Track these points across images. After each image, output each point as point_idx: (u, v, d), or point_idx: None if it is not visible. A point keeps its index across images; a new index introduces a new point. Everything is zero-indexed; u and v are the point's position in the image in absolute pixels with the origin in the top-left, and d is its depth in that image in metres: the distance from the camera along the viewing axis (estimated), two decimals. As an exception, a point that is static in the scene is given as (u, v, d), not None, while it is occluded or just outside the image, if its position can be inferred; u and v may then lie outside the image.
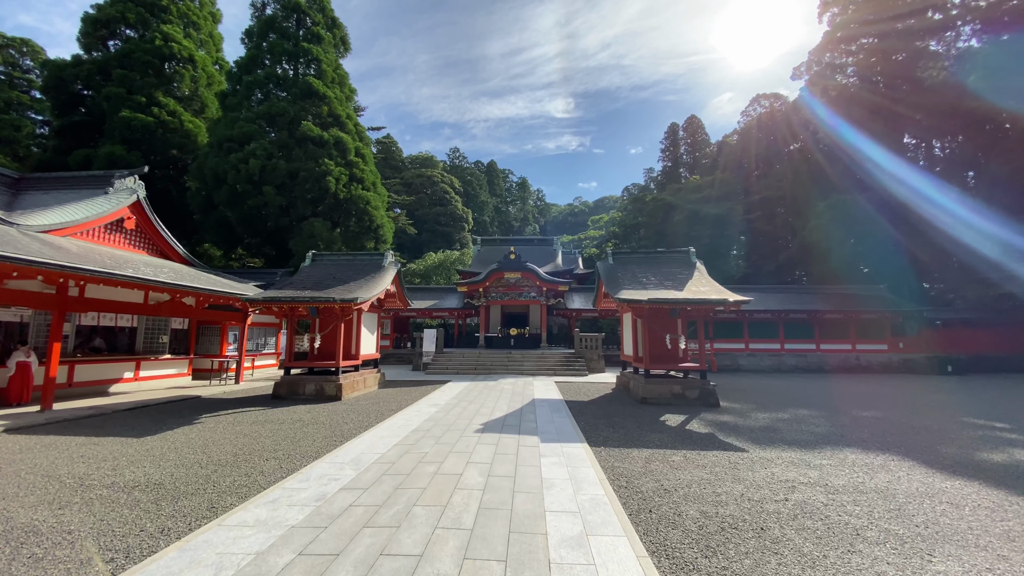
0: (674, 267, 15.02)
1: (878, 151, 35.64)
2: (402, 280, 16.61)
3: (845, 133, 38.67)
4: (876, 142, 36.60)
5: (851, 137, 38.00)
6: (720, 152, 62.14)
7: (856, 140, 37.71)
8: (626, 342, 15.70)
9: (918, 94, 33.60)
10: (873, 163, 35.44)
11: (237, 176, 22.73)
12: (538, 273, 25.40)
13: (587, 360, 22.06)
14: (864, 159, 36.32)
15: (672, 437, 8.75)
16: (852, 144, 37.83)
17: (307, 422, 10.05)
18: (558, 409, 11.59)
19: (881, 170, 34.70)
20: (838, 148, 38.45)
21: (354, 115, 28.43)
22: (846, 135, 38.64)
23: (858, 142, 37.59)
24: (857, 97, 38.38)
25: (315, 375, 14.08)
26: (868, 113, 36.71)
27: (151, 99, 27.12)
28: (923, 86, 33.73)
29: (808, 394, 15.86)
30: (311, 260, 16.48)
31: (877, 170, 35.03)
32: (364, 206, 25.60)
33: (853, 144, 37.73)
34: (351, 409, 11.74)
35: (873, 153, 35.75)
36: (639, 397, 12.73)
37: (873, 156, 35.68)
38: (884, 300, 30.71)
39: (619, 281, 14.19)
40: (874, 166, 35.43)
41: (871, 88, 39.23)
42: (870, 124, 36.73)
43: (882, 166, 34.73)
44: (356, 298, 12.71)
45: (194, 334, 18.65)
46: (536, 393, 14.64)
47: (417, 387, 16.43)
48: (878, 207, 33.50)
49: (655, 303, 12.09)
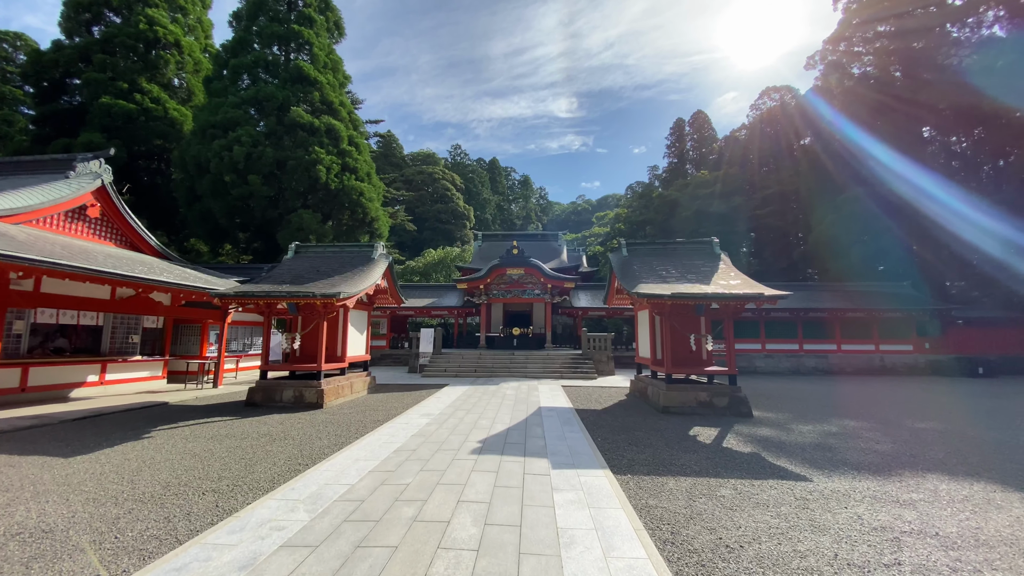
0: (696, 259, 13.46)
1: (895, 146, 34.02)
2: (394, 274, 15.11)
3: (860, 126, 36.99)
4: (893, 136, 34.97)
5: (867, 130, 36.31)
6: (727, 148, 60.50)
7: (872, 133, 36.01)
8: (642, 343, 14.15)
9: (938, 85, 31.87)
10: (889, 158, 33.79)
11: (221, 164, 21.22)
12: (542, 269, 23.86)
13: (595, 362, 20.51)
14: (880, 154, 34.64)
15: (710, 459, 7.20)
16: (868, 138, 36.14)
17: (275, 437, 8.54)
18: (568, 421, 10.04)
19: (898, 165, 33.07)
20: (853, 142, 36.75)
21: (348, 103, 26.93)
22: (861, 128, 36.95)
23: (874, 135, 35.91)
24: (873, 88, 36.68)
25: (295, 379, 12.58)
26: (885, 105, 34.99)
27: (134, 85, 25.69)
28: (943, 76, 32.01)
29: (844, 401, 14.27)
30: (294, 252, 14.99)
31: (894, 164, 33.39)
32: (357, 197, 24.03)
33: (869, 138, 36.03)
34: (331, 420, 10.23)
35: (890, 148, 34.09)
36: (660, 406, 11.18)
37: (890, 151, 34.03)
38: (908, 298, 29.06)
39: (635, 274, 12.64)
40: (890, 161, 33.77)
41: (888, 78, 37.49)
42: (887, 116, 35.01)
43: (898, 161, 33.11)
44: (339, 293, 11.20)
45: (170, 334, 17.18)
46: (542, 400, 13.10)
47: (410, 392, 14.92)
48: (895, 202, 31.81)
49: (680, 298, 10.53)
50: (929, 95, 32.24)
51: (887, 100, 35.69)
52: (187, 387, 15.99)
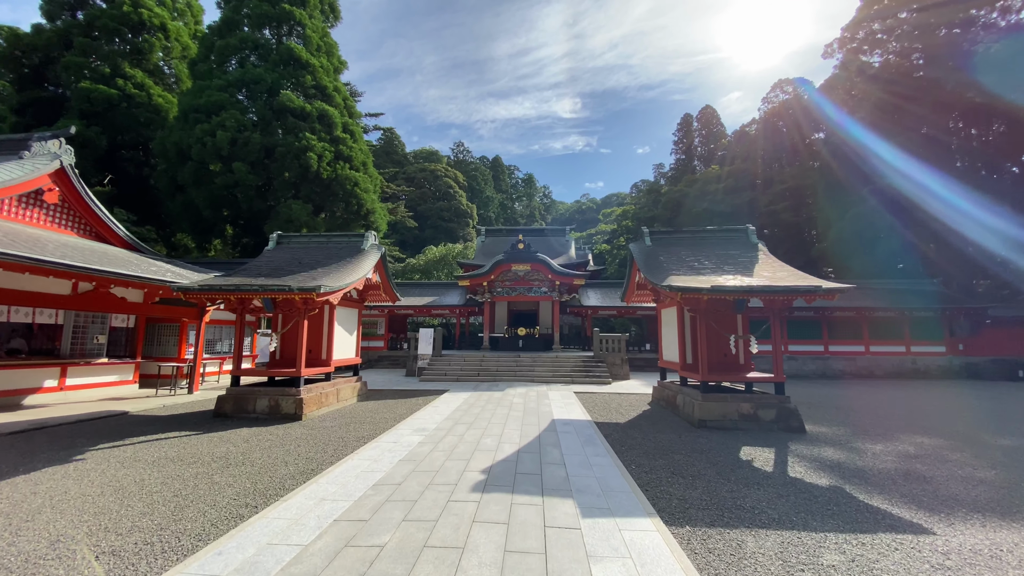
0: (730, 248, 11.79)
1: (917, 139, 32.24)
2: (388, 268, 13.50)
3: (881, 117, 35.14)
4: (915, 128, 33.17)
5: (889, 122, 34.46)
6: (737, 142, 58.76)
7: (894, 125, 34.15)
8: (667, 345, 12.48)
9: (959, 76, 29.95)
10: (912, 151, 31.97)
11: (203, 150, 19.66)
12: (550, 265, 22.21)
13: (609, 365, 18.84)
14: (902, 145, 32.78)
15: (784, 497, 5.54)
16: (890, 129, 34.27)
17: (232, 461, 6.94)
18: (590, 439, 8.40)
19: (919, 159, 31.27)
20: (873, 135, 34.85)
21: (343, 89, 25.34)
22: (882, 120, 35.10)
23: (896, 127, 34.05)
24: (895, 78, 34.78)
25: (272, 386, 11.00)
26: (907, 96, 33.09)
27: (117, 71, 24.19)
28: (967, 66, 30.08)
29: (895, 410, 12.56)
30: (275, 243, 13.41)
31: (916, 159, 31.58)
32: (352, 188, 22.40)
33: (891, 129, 34.17)
34: (307, 436, 8.62)
35: (912, 140, 32.26)
36: (695, 419, 9.52)
37: (912, 144, 32.20)
38: (938, 296, 27.27)
39: (662, 266, 10.99)
40: (913, 154, 31.95)
41: (910, 67, 35.56)
42: (909, 108, 33.12)
43: (920, 155, 31.32)
44: (319, 287, 9.59)
45: (142, 334, 15.63)
46: (555, 410, 11.46)
47: (406, 399, 13.30)
48: (918, 199, 29.93)
49: (722, 292, 8.86)
50: (952, 86, 30.37)
51: (908, 91, 33.82)
52: (159, 393, 14.44)
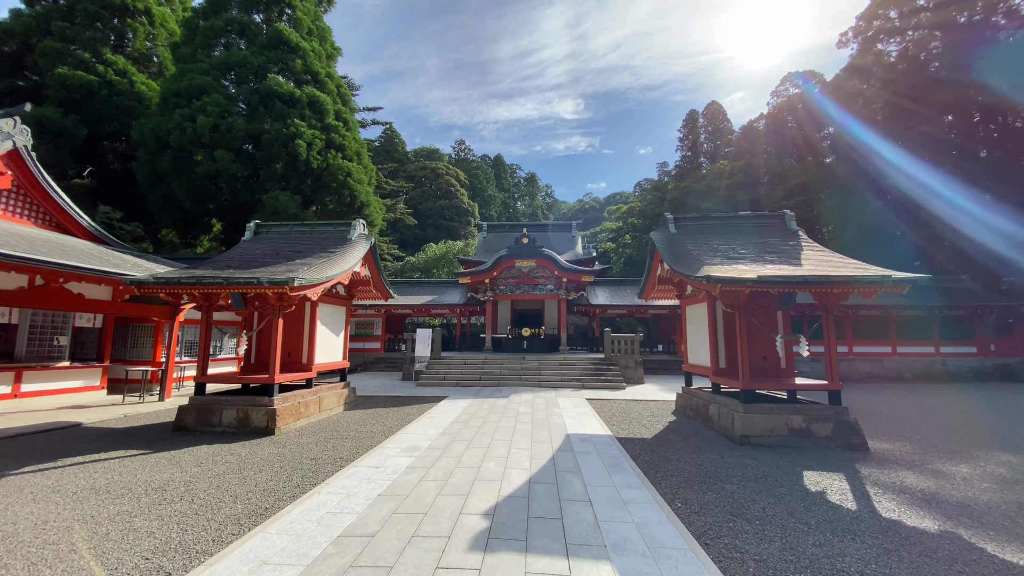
0: (768, 236, 10.31)
1: (937, 132, 30.68)
2: (379, 260, 12.07)
3: (899, 111, 33.53)
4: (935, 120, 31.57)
5: (908, 115, 32.82)
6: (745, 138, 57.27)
7: (913, 118, 32.53)
8: (694, 346, 11.00)
9: (985, 63, 28.27)
10: (930, 145, 30.39)
11: (182, 137, 18.25)
12: (557, 260, 20.76)
13: (621, 368, 17.36)
14: (921, 140, 31.15)
15: (895, 553, 4.07)
16: (908, 123, 32.62)
17: (169, 496, 5.52)
18: (616, 462, 6.94)
19: (939, 152, 29.70)
20: (889, 130, 33.17)
21: (336, 76, 23.94)
22: (901, 113, 33.48)
23: (916, 120, 32.41)
24: (913, 68, 33.12)
25: (242, 395, 9.57)
26: (926, 87, 31.44)
27: (98, 57, 22.88)
28: (997, 49, 28.41)
29: (952, 418, 11.03)
30: (252, 233, 12.00)
31: (935, 152, 30.01)
32: (344, 178, 20.94)
33: (909, 123, 32.52)
34: (273, 458, 7.19)
35: (932, 133, 30.68)
36: (737, 434, 8.04)
37: (932, 137, 30.62)
38: (967, 293, 25.70)
39: (691, 255, 9.52)
40: (932, 148, 30.36)
41: (929, 57, 33.88)
42: (928, 100, 31.45)
43: (940, 149, 29.76)
44: (291, 280, 8.15)
45: (110, 334, 14.24)
46: (568, 421, 10.00)
47: (399, 408, 11.87)
48: (938, 195, 28.31)
49: (772, 284, 7.39)
50: (972, 76, 28.75)
51: (928, 82, 32.18)
52: (126, 400, 13.04)
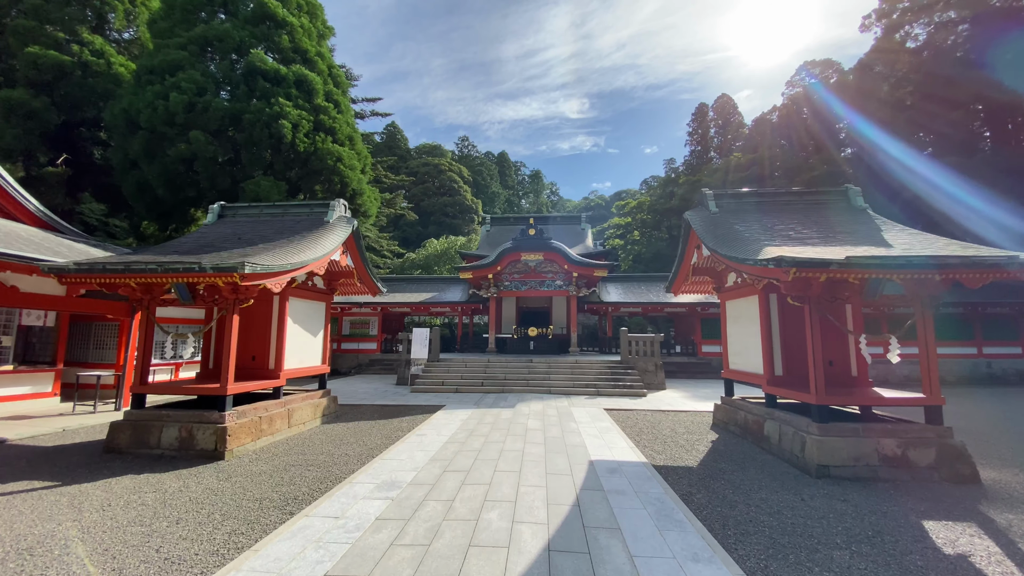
0: (829, 214, 8.47)
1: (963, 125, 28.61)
2: (363, 248, 10.31)
3: (926, 100, 31.32)
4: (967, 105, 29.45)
5: (938, 104, 30.60)
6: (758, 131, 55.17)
7: (941, 107, 30.32)
8: (737, 349, 9.16)
9: None
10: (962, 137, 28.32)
11: (153, 116, 16.57)
12: (566, 253, 18.95)
13: (640, 372, 15.52)
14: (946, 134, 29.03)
15: None
16: (934, 114, 30.39)
17: (11, 571, 3.78)
18: (664, 510, 5.14)
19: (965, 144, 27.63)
20: (912, 123, 30.90)
21: (329, 55, 22.23)
22: (928, 102, 31.26)
23: (944, 108, 30.21)
24: (941, 53, 30.87)
25: (189, 409, 7.85)
26: (959, 71, 29.22)
27: (73, 36, 21.32)
28: None
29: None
30: (217, 215, 10.28)
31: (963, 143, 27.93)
32: (334, 163, 19.15)
33: (935, 114, 30.30)
34: (205, 500, 5.43)
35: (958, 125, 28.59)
36: (812, 463, 6.22)
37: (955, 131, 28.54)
38: (1014, 289, 23.62)
39: (740, 237, 7.70)
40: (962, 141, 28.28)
41: (959, 41, 31.61)
42: (961, 83, 29.22)
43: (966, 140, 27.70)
44: (239, 266, 6.40)
45: (64, 334, 12.59)
46: (588, 441, 8.19)
47: (387, 421, 10.10)
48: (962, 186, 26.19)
49: (871, 268, 5.57)
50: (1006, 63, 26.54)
51: (960, 69, 29.94)
52: (76, 409, 11.37)
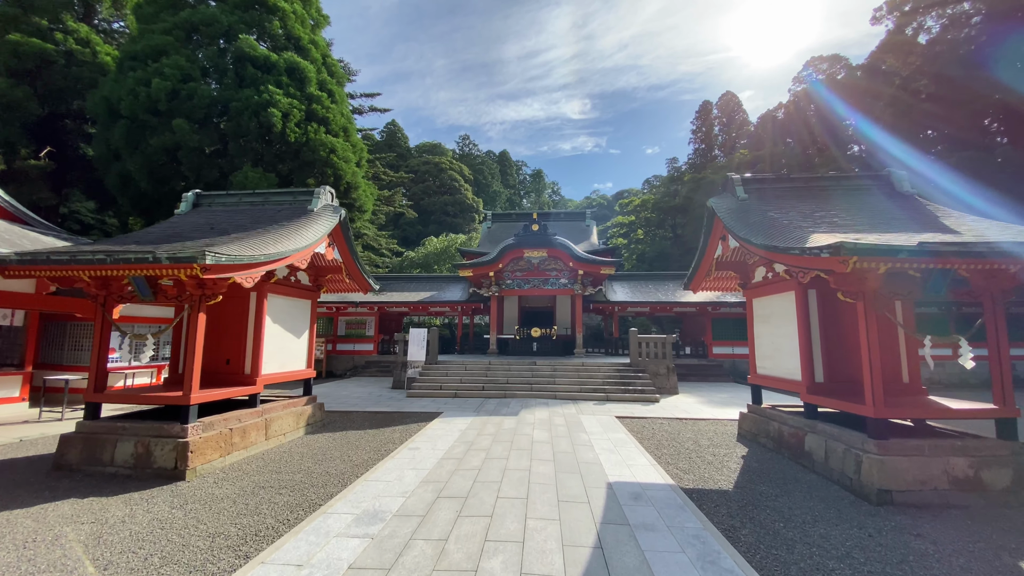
0: (873, 200, 7.52)
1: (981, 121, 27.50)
2: (351, 240, 9.40)
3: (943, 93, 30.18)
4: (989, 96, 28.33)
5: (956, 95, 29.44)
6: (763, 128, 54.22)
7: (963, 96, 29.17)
8: (767, 351, 8.22)
9: None
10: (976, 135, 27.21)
11: (135, 103, 15.67)
12: (572, 250, 18.03)
13: (652, 375, 14.57)
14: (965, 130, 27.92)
15: None
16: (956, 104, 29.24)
17: None
18: (707, 552, 4.20)
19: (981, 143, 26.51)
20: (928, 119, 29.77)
21: (323, 44, 21.31)
22: (947, 92, 30.11)
23: (965, 98, 29.08)
24: (955, 47, 29.75)
25: (151, 420, 6.95)
26: (972, 69, 28.12)
27: (58, 25, 20.49)
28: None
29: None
30: (191, 204, 9.37)
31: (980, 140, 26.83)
32: (327, 155, 18.20)
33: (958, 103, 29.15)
34: (147, 536, 4.50)
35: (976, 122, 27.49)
36: (870, 487, 5.27)
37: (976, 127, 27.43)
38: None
39: (777, 224, 6.76)
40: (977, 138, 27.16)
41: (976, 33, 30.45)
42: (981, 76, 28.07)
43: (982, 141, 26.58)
44: (199, 256, 5.49)
45: (34, 334, 11.70)
46: (604, 459, 7.25)
47: (378, 431, 9.18)
48: None
49: (959, 255, 4.64)
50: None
51: (973, 64, 28.83)
52: (43, 416, 10.48)
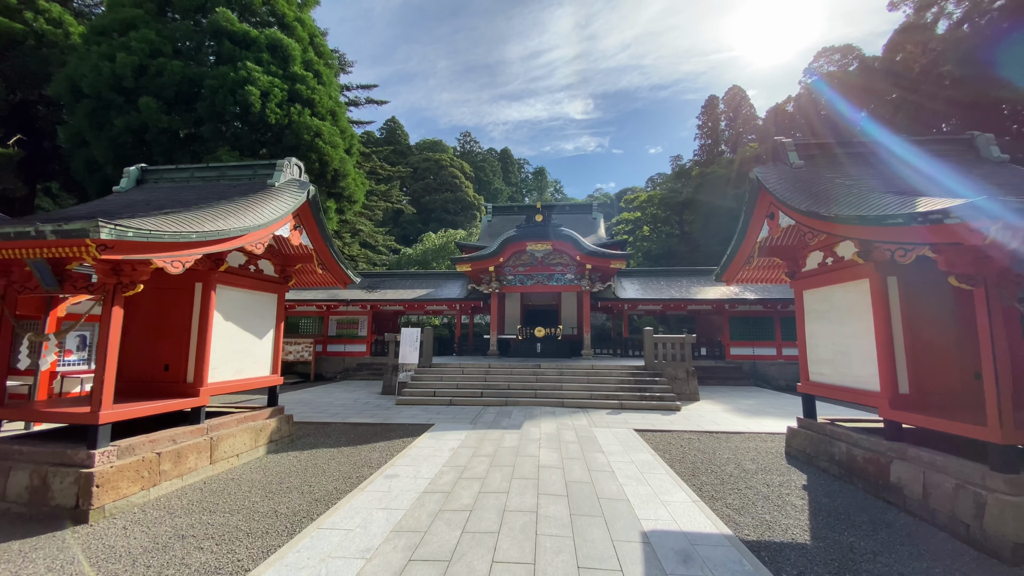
0: (963, 167, 6.04)
1: None
2: (322, 222, 7.94)
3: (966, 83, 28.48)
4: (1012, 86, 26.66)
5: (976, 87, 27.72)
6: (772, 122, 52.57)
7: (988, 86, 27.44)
8: (825, 354, 6.72)
9: None
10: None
11: (98, 79, 14.17)
12: (579, 242, 16.55)
13: (670, 380, 13.07)
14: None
15: None
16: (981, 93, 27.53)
17: None
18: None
19: None
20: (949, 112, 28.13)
21: (311, 23, 19.84)
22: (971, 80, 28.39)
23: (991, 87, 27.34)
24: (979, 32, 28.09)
25: (63, 441, 5.51)
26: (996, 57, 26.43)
27: (28, 4, 19.16)
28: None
29: None
30: (133, 182, 7.96)
31: None
32: (312, 139, 16.63)
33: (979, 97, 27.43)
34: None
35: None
36: (1004, 540, 3.78)
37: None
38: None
39: (850, 192, 5.29)
40: None
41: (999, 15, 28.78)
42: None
43: None
44: (91, 228, 4.07)
45: None
46: (631, 492, 5.78)
47: (355, 449, 7.72)
48: None
49: None
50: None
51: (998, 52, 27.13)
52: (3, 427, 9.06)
